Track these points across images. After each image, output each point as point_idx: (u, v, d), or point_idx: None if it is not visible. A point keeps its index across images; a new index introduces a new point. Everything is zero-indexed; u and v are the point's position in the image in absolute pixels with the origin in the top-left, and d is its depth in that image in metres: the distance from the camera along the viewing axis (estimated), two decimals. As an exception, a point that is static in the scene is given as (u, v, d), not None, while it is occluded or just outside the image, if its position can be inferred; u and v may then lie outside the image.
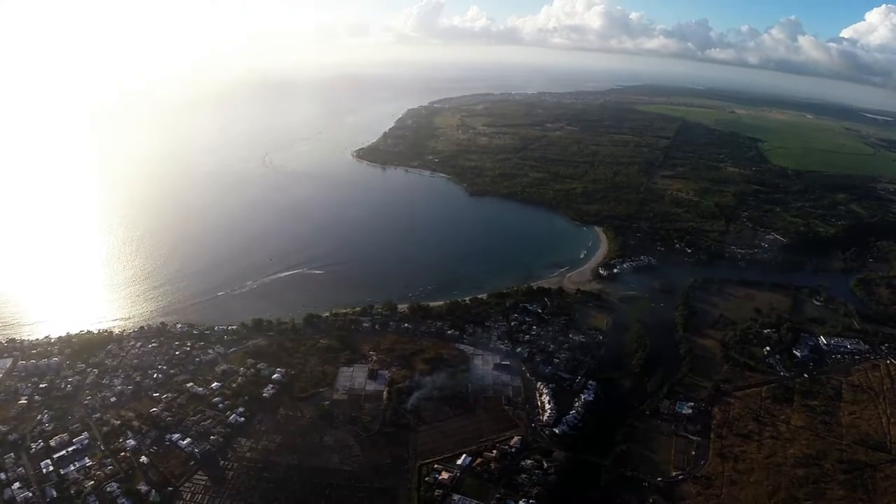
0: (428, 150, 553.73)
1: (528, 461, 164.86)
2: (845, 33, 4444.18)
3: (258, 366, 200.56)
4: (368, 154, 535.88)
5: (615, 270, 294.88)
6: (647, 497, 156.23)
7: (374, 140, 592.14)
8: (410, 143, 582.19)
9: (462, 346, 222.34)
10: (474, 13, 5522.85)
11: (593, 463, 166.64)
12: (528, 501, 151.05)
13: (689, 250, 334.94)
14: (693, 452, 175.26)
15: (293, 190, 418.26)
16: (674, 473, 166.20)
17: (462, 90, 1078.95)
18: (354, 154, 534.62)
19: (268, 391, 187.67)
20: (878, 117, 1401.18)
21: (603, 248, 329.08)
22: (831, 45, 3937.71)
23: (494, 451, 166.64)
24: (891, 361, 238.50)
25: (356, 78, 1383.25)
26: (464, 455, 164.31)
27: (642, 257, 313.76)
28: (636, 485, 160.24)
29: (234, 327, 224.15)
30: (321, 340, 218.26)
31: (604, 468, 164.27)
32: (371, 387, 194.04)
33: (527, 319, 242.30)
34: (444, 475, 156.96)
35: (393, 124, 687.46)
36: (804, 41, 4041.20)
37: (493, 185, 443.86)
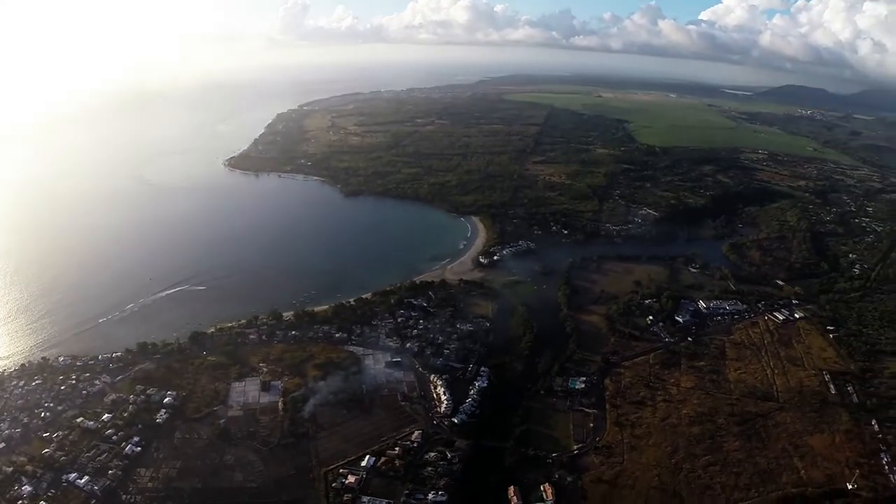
0: (300, 154, 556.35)
1: (432, 454, 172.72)
2: (704, 16, 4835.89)
3: (148, 391, 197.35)
4: (241, 162, 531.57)
5: (495, 258, 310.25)
6: (552, 473, 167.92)
7: (246, 147, 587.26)
8: (282, 148, 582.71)
9: (352, 348, 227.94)
10: (341, 13, 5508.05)
11: (495, 447, 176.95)
12: (437, 493, 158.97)
13: (565, 231, 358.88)
14: (591, 425, 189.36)
15: (168, 205, 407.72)
16: (575, 447, 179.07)
17: (331, 91, 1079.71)
18: (227, 163, 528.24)
19: (161, 416, 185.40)
20: (737, 92, 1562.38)
21: (481, 237, 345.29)
22: (691, 27, 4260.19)
23: (397, 449, 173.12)
24: (768, 317, 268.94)
25: (225, 85, 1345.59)
26: (367, 456, 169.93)
27: (521, 242, 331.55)
28: (540, 463, 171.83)
29: (119, 354, 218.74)
30: (209, 358, 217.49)
31: (506, 451, 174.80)
32: (265, 399, 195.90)
33: (413, 314, 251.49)
34: (351, 479, 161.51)
35: (263, 130, 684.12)
36: (664, 25, 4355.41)
37: (368, 184, 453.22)
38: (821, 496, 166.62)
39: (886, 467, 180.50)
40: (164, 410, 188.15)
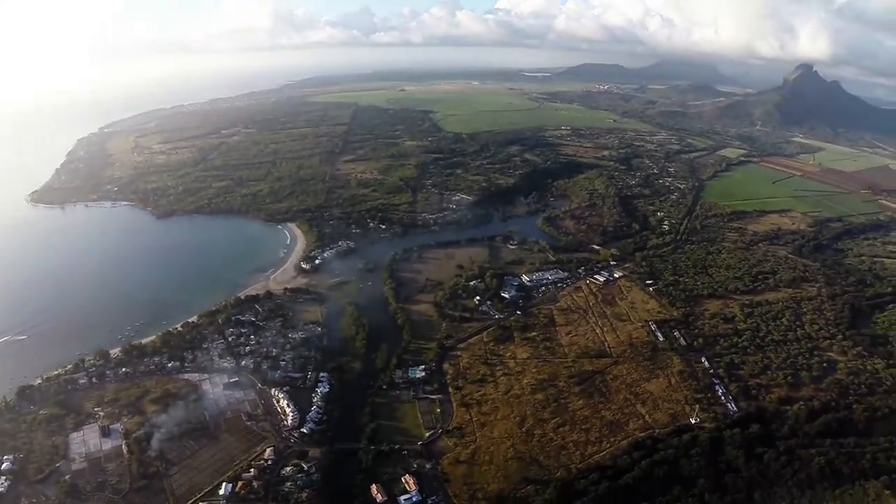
0: (106, 180, 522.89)
1: (288, 469, 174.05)
2: (501, 4, 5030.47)
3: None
4: (45, 195, 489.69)
5: (317, 261, 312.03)
6: (410, 464, 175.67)
7: (48, 179, 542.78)
8: (86, 176, 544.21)
9: (187, 376, 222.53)
10: (142, 25, 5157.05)
11: (350, 449, 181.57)
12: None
13: (383, 226, 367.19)
14: (438, 410, 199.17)
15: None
16: (427, 434, 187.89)
17: (133, 109, 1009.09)
18: (29, 198, 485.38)
19: (2, 485, 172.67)
20: (537, 75, 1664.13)
21: (301, 243, 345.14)
22: (488, 16, 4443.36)
23: (252, 470, 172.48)
24: (590, 281, 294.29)
25: (18, 113, 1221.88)
26: (224, 483, 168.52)
27: (341, 243, 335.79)
28: (397, 456, 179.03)
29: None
30: (41, 411, 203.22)
31: (361, 451, 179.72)
32: (108, 445, 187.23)
33: (243, 331, 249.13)
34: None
35: (65, 158, 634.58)
36: (463, 16, 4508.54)
37: (179, 202, 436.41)
38: (669, 435, 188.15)
39: (723, 397, 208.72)
40: (3, 478, 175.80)
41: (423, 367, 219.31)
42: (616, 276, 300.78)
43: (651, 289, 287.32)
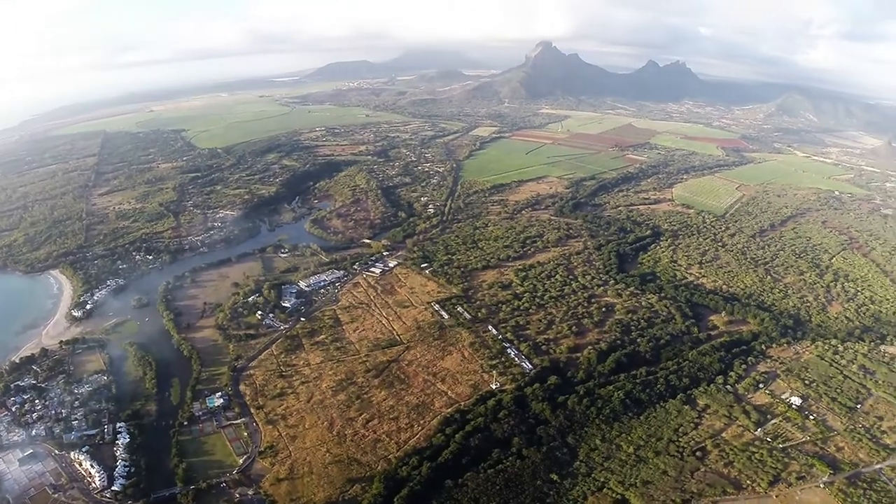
0: None
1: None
2: (249, 13, 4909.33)
3: None
4: None
5: (89, 306, 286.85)
6: (233, 495, 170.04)
7: None
8: None
9: None
10: None
11: (168, 496, 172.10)
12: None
13: (150, 257, 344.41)
14: (246, 434, 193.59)
15: None
16: (241, 461, 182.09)
17: None
18: None
19: None
20: (287, 79, 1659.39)
21: (68, 290, 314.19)
22: (236, 25, 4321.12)
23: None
24: (366, 275, 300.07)
25: None
26: None
27: (109, 282, 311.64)
28: (217, 490, 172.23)
29: None
30: None
31: (180, 494, 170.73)
32: None
33: (26, 397, 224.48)
34: None
35: None
36: (210, 27, 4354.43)
37: None
38: (474, 404, 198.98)
39: (516, 359, 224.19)
40: None
41: (219, 394, 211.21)
42: (391, 265, 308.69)
43: (427, 271, 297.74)
